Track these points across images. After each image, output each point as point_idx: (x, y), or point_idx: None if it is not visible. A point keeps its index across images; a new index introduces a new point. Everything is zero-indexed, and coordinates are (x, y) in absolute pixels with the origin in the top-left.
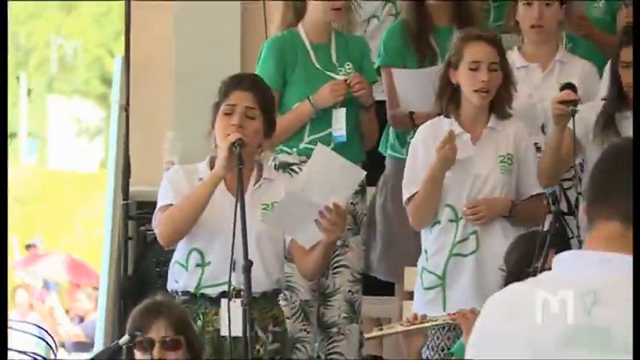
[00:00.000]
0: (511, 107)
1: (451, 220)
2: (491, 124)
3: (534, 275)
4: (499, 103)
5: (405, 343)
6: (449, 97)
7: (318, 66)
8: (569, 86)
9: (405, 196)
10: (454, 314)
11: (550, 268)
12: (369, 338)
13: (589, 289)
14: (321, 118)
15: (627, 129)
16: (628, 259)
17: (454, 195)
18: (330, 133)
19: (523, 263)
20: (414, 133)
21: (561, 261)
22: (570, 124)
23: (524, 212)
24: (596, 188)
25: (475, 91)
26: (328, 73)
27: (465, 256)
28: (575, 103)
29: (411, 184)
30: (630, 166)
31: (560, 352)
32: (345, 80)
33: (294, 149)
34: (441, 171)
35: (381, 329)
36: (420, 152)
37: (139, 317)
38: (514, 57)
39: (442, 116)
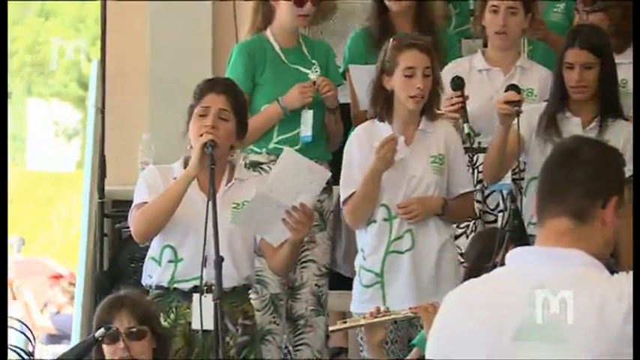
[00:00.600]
0: (439, 109)
1: (386, 219)
2: (422, 127)
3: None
4: (429, 105)
5: (367, 335)
6: (382, 102)
7: (287, 63)
8: (513, 87)
9: (343, 196)
10: (416, 308)
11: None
12: (333, 331)
13: (541, 284)
14: (290, 118)
15: (568, 128)
16: (578, 254)
17: (389, 195)
18: (299, 134)
19: (483, 259)
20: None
21: (514, 257)
22: (516, 124)
23: (455, 210)
24: (547, 186)
25: (411, 97)
26: (300, 68)
27: (402, 253)
28: (519, 103)
29: (348, 185)
30: (579, 165)
31: (515, 346)
32: (314, 82)
33: (264, 149)
34: (380, 172)
35: (345, 322)
36: (356, 154)
37: (103, 311)
38: (477, 60)
39: (376, 120)
